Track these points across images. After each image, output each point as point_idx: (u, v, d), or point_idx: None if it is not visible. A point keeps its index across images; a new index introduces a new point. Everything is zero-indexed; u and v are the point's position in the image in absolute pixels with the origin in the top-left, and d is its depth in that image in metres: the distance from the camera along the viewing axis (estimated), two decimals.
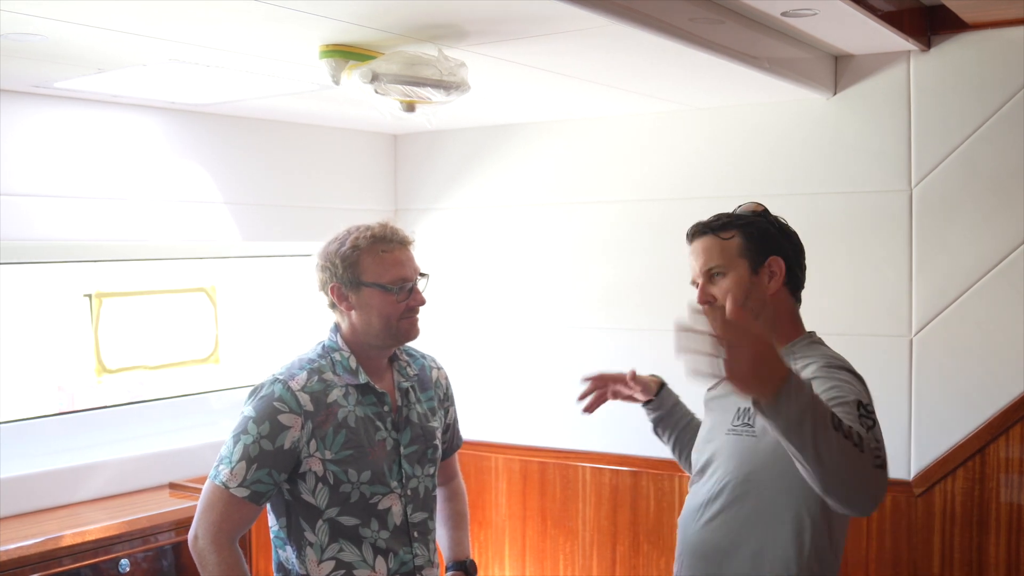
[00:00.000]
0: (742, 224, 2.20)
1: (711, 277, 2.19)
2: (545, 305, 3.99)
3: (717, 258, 2.18)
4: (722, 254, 2.18)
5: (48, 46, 2.47)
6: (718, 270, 2.18)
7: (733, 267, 2.17)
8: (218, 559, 2.15)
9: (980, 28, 3.09)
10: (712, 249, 2.19)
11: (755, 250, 2.18)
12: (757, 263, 2.18)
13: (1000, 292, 3.11)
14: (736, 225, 2.20)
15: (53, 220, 3.17)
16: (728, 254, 2.18)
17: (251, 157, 3.75)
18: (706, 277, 2.19)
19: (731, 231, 2.19)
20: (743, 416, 2.15)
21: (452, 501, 2.59)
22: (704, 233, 2.22)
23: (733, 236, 2.19)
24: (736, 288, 2.15)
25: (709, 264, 2.19)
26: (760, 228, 2.20)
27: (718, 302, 2.16)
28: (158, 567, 3.25)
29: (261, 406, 2.19)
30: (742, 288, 2.16)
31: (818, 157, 3.39)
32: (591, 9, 2.20)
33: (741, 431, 2.15)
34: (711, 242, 2.20)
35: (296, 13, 2.23)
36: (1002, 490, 3.11)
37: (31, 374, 3.50)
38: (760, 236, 2.20)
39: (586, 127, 3.87)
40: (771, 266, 2.19)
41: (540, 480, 3.97)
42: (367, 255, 2.25)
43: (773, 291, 2.19)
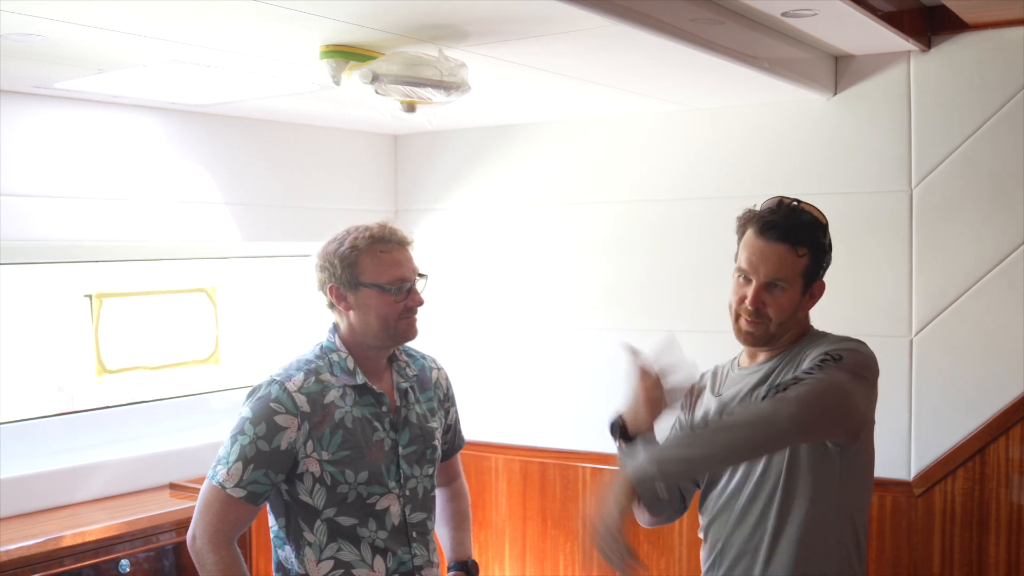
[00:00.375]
0: (813, 244, 2.16)
1: (770, 286, 2.14)
2: (545, 306, 3.99)
3: (786, 272, 2.14)
4: (792, 269, 2.14)
5: (49, 46, 2.47)
6: (782, 284, 2.14)
7: (793, 285, 2.15)
8: (216, 559, 2.15)
9: (980, 28, 3.09)
10: (784, 260, 2.13)
11: (813, 274, 2.17)
12: (808, 286, 2.18)
13: (1000, 292, 3.11)
14: (810, 243, 2.15)
15: (53, 220, 3.17)
16: (795, 271, 2.14)
17: (251, 157, 3.76)
18: (764, 284, 2.14)
19: (804, 248, 2.15)
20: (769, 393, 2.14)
21: (454, 501, 2.59)
22: (782, 240, 2.14)
23: (804, 255, 2.15)
24: (788, 306, 2.15)
25: (777, 275, 2.13)
26: (823, 251, 2.18)
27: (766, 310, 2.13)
28: (159, 567, 3.25)
29: (258, 407, 2.20)
30: (792, 306, 2.15)
31: (818, 157, 3.39)
32: (591, 9, 2.20)
33: None
34: (785, 253, 2.14)
35: (296, 13, 2.23)
36: (1002, 490, 3.11)
37: (31, 374, 3.50)
38: (821, 260, 2.18)
39: (586, 127, 3.87)
40: (814, 289, 2.19)
41: (540, 480, 3.97)
42: (365, 255, 2.25)
43: (806, 311, 2.21)
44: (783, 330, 2.18)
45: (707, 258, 3.62)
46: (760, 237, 2.16)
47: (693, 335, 3.64)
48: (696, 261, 3.65)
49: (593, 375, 3.88)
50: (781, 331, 2.17)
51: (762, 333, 2.17)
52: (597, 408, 3.87)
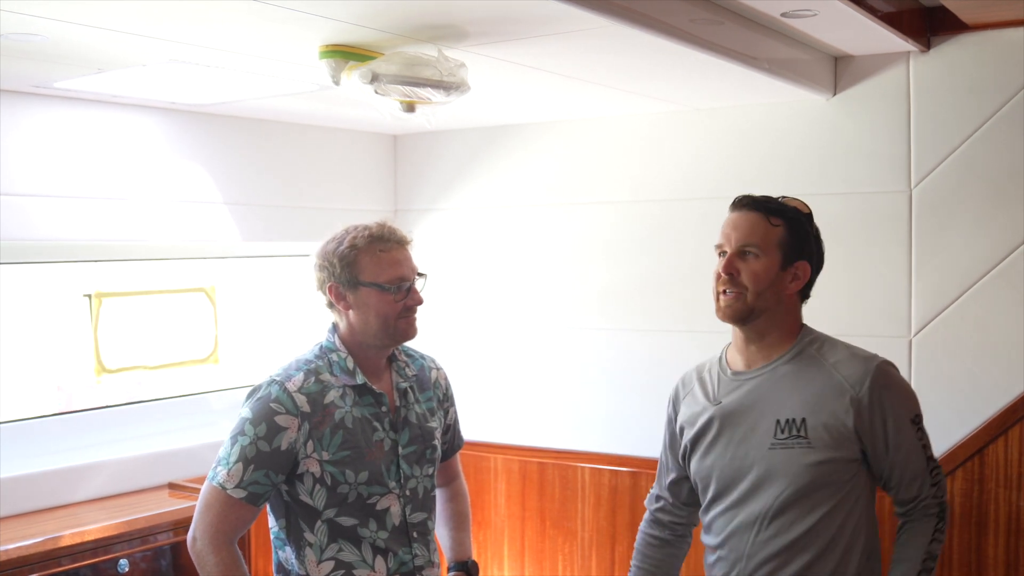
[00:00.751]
0: (791, 217, 2.18)
1: (743, 254, 2.16)
2: (545, 306, 3.99)
3: (758, 239, 2.15)
4: (764, 237, 2.15)
5: (48, 46, 2.47)
6: (754, 250, 2.15)
7: (768, 254, 2.15)
8: (216, 560, 2.15)
9: (980, 29, 3.09)
10: (756, 227, 2.16)
11: (792, 248, 2.17)
12: (788, 261, 2.17)
13: (999, 293, 3.11)
14: (787, 216, 2.17)
15: (53, 220, 3.17)
16: (769, 239, 2.16)
17: (251, 157, 3.75)
18: (738, 252, 2.16)
19: (780, 219, 2.17)
20: (788, 428, 2.13)
21: (453, 502, 2.58)
22: (754, 208, 2.18)
23: (779, 225, 2.17)
24: (763, 275, 2.15)
25: (749, 240, 2.16)
26: (803, 229, 2.20)
27: (739, 278, 2.14)
28: (156, 567, 3.25)
29: (258, 407, 2.19)
30: (768, 278, 2.15)
31: (818, 158, 3.40)
32: (591, 10, 2.20)
33: (791, 443, 2.12)
34: (757, 220, 2.16)
35: (296, 14, 2.23)
36: (1001, 491, 3.11)
37: (31, 374, 3.50)
38: (801, 236, 2.19)
39: (586, 128, 3.87)
40: (797, 269, 2.19)
41: (539, 480, 3.97)
42: (365, 254, 2.25)
43: (791, 292, 2.20)
44: (762, 303, 2.16)
45: (709, 258, 3.62)
46: (733, 210, 2.21)
47: (693, 336, 3.64)
48: (697, 261, 3.64)
49: (593, 375, 3.88)
50: (759, 304, 2.15)
51: (741, 306, 2.16)
52: (596, 408, 3.89)
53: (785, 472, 2.12)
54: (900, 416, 2.14)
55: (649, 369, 3.77)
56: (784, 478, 2.12)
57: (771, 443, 2.14)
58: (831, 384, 2.14)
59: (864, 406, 2.11)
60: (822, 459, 2.11)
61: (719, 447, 2.22)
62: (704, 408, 2.26)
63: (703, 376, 2.32)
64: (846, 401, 2.12)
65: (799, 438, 2.12)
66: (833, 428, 2.11)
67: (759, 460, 2.15)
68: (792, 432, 2.13)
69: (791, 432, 2.13)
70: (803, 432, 2.12)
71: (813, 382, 2.15)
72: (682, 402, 2.34)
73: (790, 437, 2.13)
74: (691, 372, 2.37)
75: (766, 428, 2.15)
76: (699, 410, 2.27)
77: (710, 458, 2.23)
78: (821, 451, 2.11)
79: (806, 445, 2.11)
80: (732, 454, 2.19)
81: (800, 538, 2.12)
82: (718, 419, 2.22)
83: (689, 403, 2.32)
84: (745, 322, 2.19)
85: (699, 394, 2.30)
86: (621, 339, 3.82)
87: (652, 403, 3.73)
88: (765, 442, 2.15)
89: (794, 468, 2.12)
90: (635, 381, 3.78)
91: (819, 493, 2.12)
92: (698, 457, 2.26)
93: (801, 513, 2.11)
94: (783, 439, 2.13)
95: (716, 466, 2.22)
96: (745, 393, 2.20)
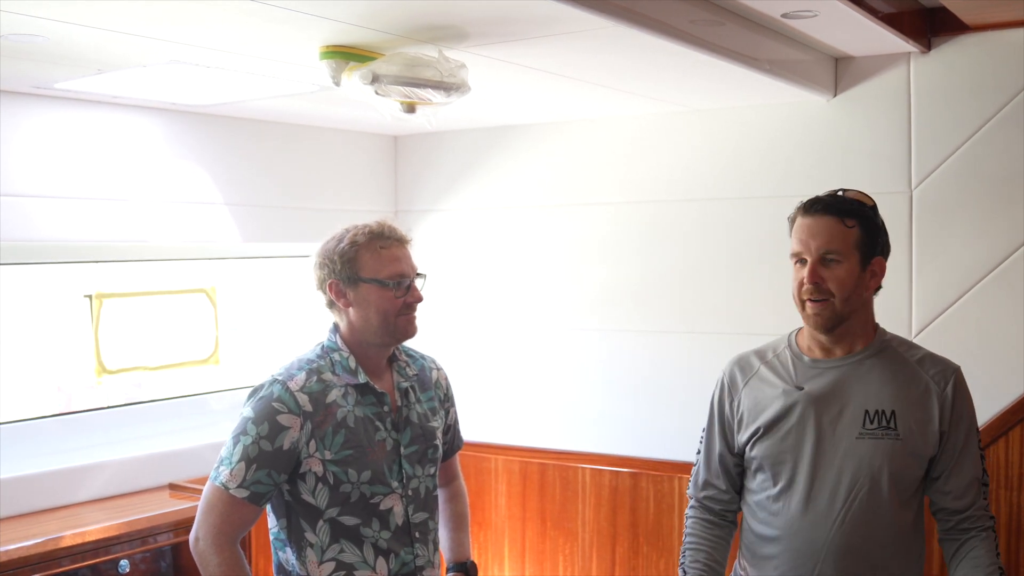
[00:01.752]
0: (863, 215, 2.15)
1: (825, 260, 2.13)
2: (545, 306, 3.99)
3: (838, 243, 2.12)
4: (843, 240, 2.13)
5: (49, 47, 2.47)
6: (835, 256, 2.12)
7: (848, 257, 2.13)
8: (219, 560, 2.15)
9: (980, 30, 3.09)
10: (834, 232, 2.12)
11: (869, 245, 2.15)
12: (866, 260, 2.16)
13: (1000, 294, 3.11)
14: (859, 215, 2.15)
15: (54, 221, 3.17)
16: (848, 243, 2.13)
17: (251, 158, 3.76)
18: (820, 259, 2.13)
19: (854, 219, 2.14)
20: (878, 419, 2.13)
21: (453, 502, 2.58)
22: (827, 213, 2.14)
23: (855, 226, 2.14)
24: (848, 279, 2.13)
25: (829, 247, 2.12)
26: (874, 224, 2.17)
27: (826, 285, 2.12)
28: (157, 568, 3.25)
29: (260, 407, 2.19)
30: (852, 281, 2.13)
31: (818, 159, 3.40)
32: (591, 11, 2.20)
33: (880, 434, 2.12)
34: (834, 224, 2.13)
35: (296, 14, 2.23)
36: (1002, 492, 3.11)
37: (31, 375, 3.50)
38: (874, 232, 2.17)
39: (586, 129, 3.87)
40: (875, 266, 2.18)
41: (540, 481, 3.97)
42: (365, 251, 2.26)
43: (871, 291, 2.19)
44: (849, 308, 2.15)
45: (712, 258, 3.62)
46: (807, 216, 2.16)
47: (693, 337, 3.65)
48: (698, 261, 3.65)
49: (594, 376, 3.88)
50: (847, 309, 2.14)
51: (830, 313, 2.14)
52: (597, 409, 3.89)
53: (871, 462, 2.12)
54: (971, 421, 2.18)
55: (650, 370, 3.77)
56: (870, 468, 2.12)
57: (859, 432, 2.13)
58: (918, 381, 2.15)
59: (948, 406, 2.14)
60: (909, 452, 2.12)
61: (804, 433, 2.17)
62: (783, 392, 2.21)
63: (770, 360, 2.27)
64: (933, 399, 2.14)
65: (889, 429, 2.12)
66: (922, 423, 2.13)
67: (846, 449, 2.14)
68: (882, 423, 2.13)
69: (880, 423, 2.13)
70: (893, 424, 2.12)
71: (899, 376, 2.16)
72: (745, 386, 2.27)
73: (879, 428, 2.13)
74: (749, 355, 2.31)
75: (853, 417, 2.15)
76: (775, 393, 2.22)
77: (789, 441, 2.18)
78: (909, 444, 2.12)
79: (895, 437, 2.12)
80: (817, 441, 2.16)
81: (879, 532, 2.12)
82: (803, 404, 2.18)
83: (757, 386, 2.25)
84: (834, 330, 2.17)
85: (771, 377, 2.24)
86: (622, 340, 3.82)
87: (653, 404, 3.75)
88: (853, 431, 2.14)
89: (880, 459, 2.12)
90: (636, 382, 3.78)
91: (900, 487, 2.13)
92: (774, 440, 2.20)
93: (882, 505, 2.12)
94: (872, 429, 2.13)
95: (796, 450, 2.17)
96: (830, 380, 2.18)
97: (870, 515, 2.12)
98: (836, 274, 2.12)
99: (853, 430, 2.14)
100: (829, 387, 2.18)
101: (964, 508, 2.15)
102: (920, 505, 2.20)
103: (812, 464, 2.15)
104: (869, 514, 2.12)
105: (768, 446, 2.20)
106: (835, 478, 2.14)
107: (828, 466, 2.14)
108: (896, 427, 2.12)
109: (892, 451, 2.12)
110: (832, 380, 2.18)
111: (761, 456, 2.21)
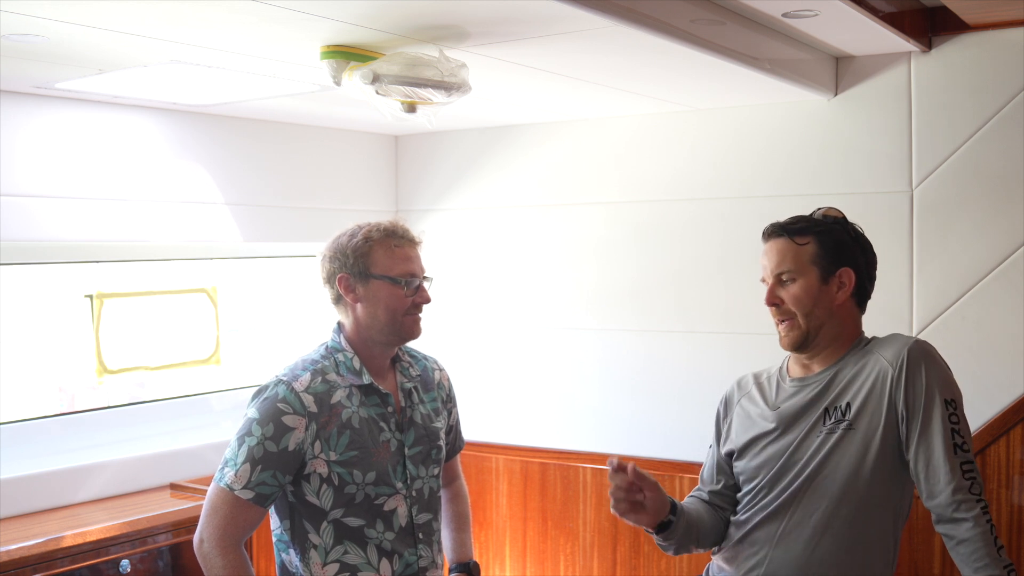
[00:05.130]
0: (818, 231, 2.21)
1: (781, 280, 2.21)
2: (546, 306, 3.99)
3: (789, 263, 2.19)
4: (795, 259, 2.19)
5: (49, 47, 2.47)
6: (788, 275, 2.20)
7: (803, 274, 2.19)
8: (224, 562, 2.14)
9: (981, 29, 3.09)
10: (785, 252, 2.20)
11: (827, 259, 2.20)
12: (828, 272, 2.20)
13: (1001, 293, 3.11)
14: (812, 231, 2.21)
15: (54, 221, 3.17)
16: (800, 260, 2.19)
17: (252, 158, 3.76)
18: (776, 279, 2.21)
19: (807, 236, 2.20)
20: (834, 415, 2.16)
21: (454, 503, 2.59)
22: (779, 235, 2.22)
23: (808, 243, 2.20)
24: (805, 296, 2.18)
25: (781, 268, 2.20)
26: (836, 237, 2.22)
27: (785, 306, 2.19)
28: (158, 568, 3.25)
29: (265, 407, 2.19)
30: (810, 296, 2.18)
31: (819, 158, 3.39)
32: (592, 10, 2.20)
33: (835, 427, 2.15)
34: (785, 245, 2.21)
35: (297, 14, 2.23)
36: (1003, 492, 3.11)
37: (32, 375, 3.50)
38: (834, 245, 2.21)
39: (586, 128, 3.87)
40: (841, 277, 2.21)
41: (541, 481, 3.97)
42: (379, 247, 2.28)
43: (840, 301, 2.21)
44: (815, 322, 2.19)
45: (714, 257, 3.62)
46: (764, 241, 2.26)
47: (695, 337, 3.64)
48: (700, 261, 3.64)
49: (594, 375, 3.88)
50: (813, 324, 2.19)
51: (797, 332, 2.20)
52: (598, 409, 3.89)
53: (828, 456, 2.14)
54: (932, 392, 2.11)
55: (651, 369, 3.77)
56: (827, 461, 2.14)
57: (819, 432, 2.16)
58: (875, 367, 2.17)
59: (901, 382, 2.12)
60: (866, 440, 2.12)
61: (775, 448, 2.22)
62: (762, 412, 2.27)
63: (761, 382, 2.34)
64: (888, 381, 2.14)
65: (841, 421, 2.15)
66: (878, 407, 2.13)
67: (812, 454, 2.16)
68: (837, 417, 2.16)
69: (836, 417, 2.16)
70: (848, 416, 2.15)
71: (862, 372, 2.18)
72: (737, 404, 2.36)
73: (835, 422, 2.16)
74: (748, 376, 2.39)
75: (816, 422, 2.18)
76: (757, 413, 2.29)
77: (762, 457, 2.23)
78: (865, 432, 2.13)
79: (848, 427, 2.14)
80: (787, 453, 2.19)
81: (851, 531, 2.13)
82: (775, 422, 2.23)
83: (745, 405, 2.33)
84: (805, 347, 2.22)
85: (757, 398, 2.31)
86: (623, 339, 3.82)
87: (654, 403, 3.75)
88: (817, 434, 2.17)
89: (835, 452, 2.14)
90: (637, 381, 3.78)
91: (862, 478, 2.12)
92: (749, 457, 2.26)
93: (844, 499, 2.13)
94: (830, 425, 2.16)
95: (767, 466, 2.22)
96: (803, 397, 2.22)
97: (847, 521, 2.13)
98: (792, 292, 2.20)
99: (818, 433, 2.17)
100: (802, 403, 2.21)
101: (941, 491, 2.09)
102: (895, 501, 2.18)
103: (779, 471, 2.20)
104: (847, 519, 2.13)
105: (745, 462, 2.28)
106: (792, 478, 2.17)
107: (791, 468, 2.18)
108: (849, 417, 2.14)
109: (845, 441, 2.14)
110: (805, 396, 2.22)
111: (740, 472, 2.30)
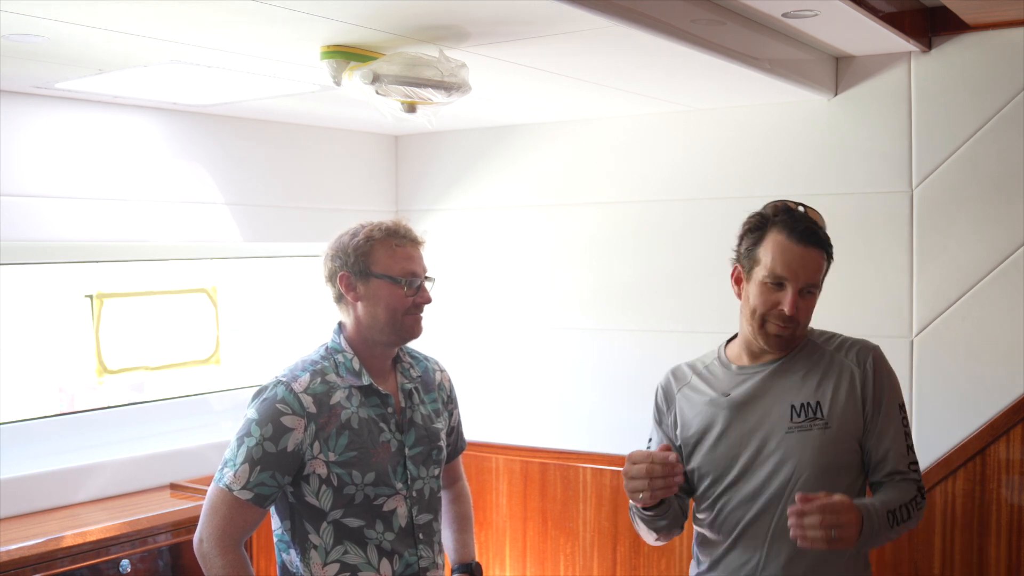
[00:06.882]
0: (831, 248, 2.23)
1: (802, 292, 2.17)
2: (546, 306, 3.99)
3: (819, 278, 2.21)
4: (820, 273, 2.21)
5: (49, 47, 2.47)
6: (812, 289, 2.19)
7: (819, 289, 2.22)
8: (223, 562, 2.15)
9: (981, 29, 3.09)
10: (820, 267, 2.20)
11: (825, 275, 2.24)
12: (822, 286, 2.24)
13: (1001, 293, 3.11)
14: (831, 248, 2.23)
15: (54, 221, 3.17)
16: (821, 275, 2.21)
17: (252, 158, 3.76)
18: (801, 289, 2.16)
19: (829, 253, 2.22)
20: (804, 412, 2.17)
21: (456, 503, 2.59)
22: (818, 246, 2.18)
23: (830, 260, 2.23)
24: (812, 309, 2.22)
25: (813, 280, 2.18)
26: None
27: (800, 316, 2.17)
28: (158, 568, 3.25)
29: (264, 408, 2.19)
30: (813, 309, 2.22)
31: (819, 158, 3.39)
32: (592, 10, 2.20)
33: (808, 425, 2.16)
34: (821, 259, 2.20)
35: (297, 14, 2.23)
36: (1003, 492, 3.11)
37: (32, 375, 3.50)
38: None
39: (586, 128, 3.87)
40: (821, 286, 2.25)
41: (541, 481, 3.97)
42: (380, 246, 2.27)
43: None
44: (804, 331, 2.24)
45: (716, 257, 3.62)
46: (800, 243, 2.16)
47: (695, 336, 3.64)
48: (700, 260, 3.64)
49: (594, 375, 3.88)
50: (803, 332, 2.24)
51: (791, 338, 2.21)
52: (598, 408, 3.89)
53: (803, 453, 2.15)
54: (892, 399, 2.21)
55: (652, 369, 3.76)
56: (803, 459, 2.14)
57: (788, 427, 2.17)
58: (839, 367, 2.20)
59: (869, 383, 2.18)
60: (839, 438, 2.15)
61: (730, 437, 2.22)
62: (711, 400, 2.26)
63: (700, 371, 2.33)
64: (856, 381, 2.18)
65: (816, 419, 2.16)
66: (848, 407, 2.17)
67: (777, 445, 2.17)
68: (808, 415, 2.16)
69: (807, 415, 2.17)
70: (820, 414, 2.16)
71: (820, 366, 2.21)
72: (678, 393, 2.33)
73: (807, 419, 2.16)
74: (683, 367, 2.38)
75: (781, 414, 2.18)
76: (705, 401, 2.27)
77: (720, 448, 2.22)
78: (839, 431, 2.15)
79: (823, 426, 2.15)
80: (746, 443, 2.20)
81: None
82: (728, 410, 2.23)
83: (688, 394, 2.31)
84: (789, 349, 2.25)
85: (701, 386, 2.30)
86: (624, 339, 3.82)
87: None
88: (782, 428, 2.17)
89: (811, 449, 2.14)
90: (638, 381, 3.78)
91: (839, 476, 2.14)
92: (707, 450, 2.25)
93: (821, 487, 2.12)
94: (800, 422, 2.17)
95: (729, 456, 2.21)
96: (754, 384, 2.23)
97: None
98: (809, 304, 2.21)
99: (782, 426, 2.17)
100: (754, 390, 2.22)
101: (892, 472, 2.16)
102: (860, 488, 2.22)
103: (747, 466, 2.19)
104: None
105: (702, 456, 2.26)
106: (770, 477, 2.17)
107: (763, 465, 2.18)
108: (823, 416, 2.16)
109: (822, 439, 2.15)
110: (757, 383, 2.23)
111: (698, 466, 2.27)
